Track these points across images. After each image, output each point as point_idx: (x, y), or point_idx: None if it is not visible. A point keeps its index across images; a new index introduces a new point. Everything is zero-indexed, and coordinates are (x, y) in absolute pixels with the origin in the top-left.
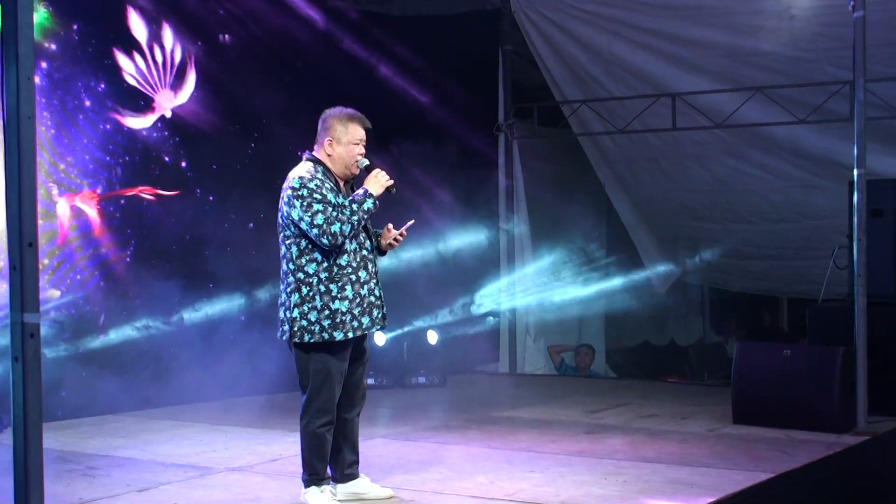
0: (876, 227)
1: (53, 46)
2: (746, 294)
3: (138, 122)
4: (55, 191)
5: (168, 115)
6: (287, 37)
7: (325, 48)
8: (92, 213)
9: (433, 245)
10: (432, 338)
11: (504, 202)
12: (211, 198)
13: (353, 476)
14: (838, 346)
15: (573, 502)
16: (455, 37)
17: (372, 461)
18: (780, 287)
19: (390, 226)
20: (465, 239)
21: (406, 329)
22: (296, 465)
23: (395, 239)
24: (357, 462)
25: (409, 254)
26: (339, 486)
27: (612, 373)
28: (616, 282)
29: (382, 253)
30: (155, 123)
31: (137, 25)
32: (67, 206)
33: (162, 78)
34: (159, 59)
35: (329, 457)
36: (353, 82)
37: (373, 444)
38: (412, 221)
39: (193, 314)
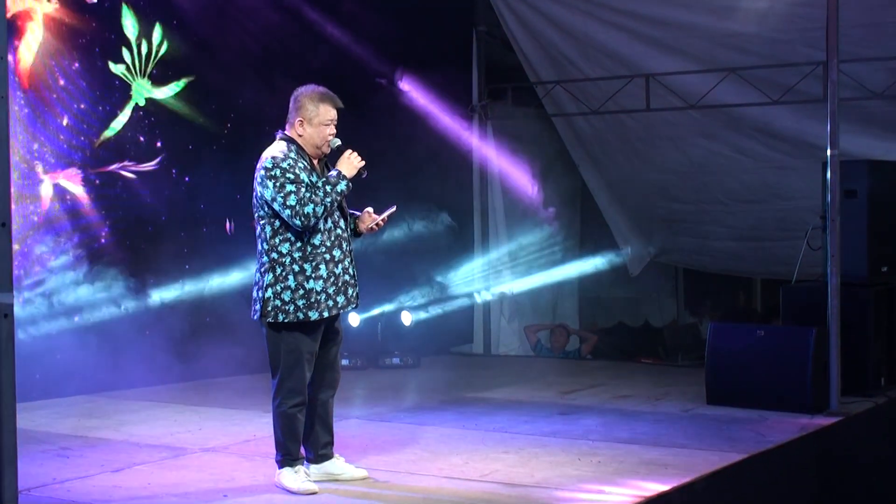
0: (849, 207)
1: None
2: (720, 275)
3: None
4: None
5: (142, 103)
6: (258, 16)
7: (298, 27)
8: (74, 190)
9: (407, 226)
10: (406, 319)
11: (478, 183)
12: (186, 178)
13: (328, 456)
14: (811, 327)
15: (547, 483)
16: (428, 17)
17: (346, 442)
18: (754, 268)
19: (370, 210)
20: (439, 219)
21: (380, 310)
22: (270, 446)
23: (376, 224)
24: (331, 443)
25: (383, 235)
26: (314, 466)
27: (588, 354)
28: (590, 263)
29: (358, 235)
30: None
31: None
32: (41, 187)
33: (140, 67)
34: (144, 49)
35: (303, 437)
36: (325, 62)
37: (347, 425)
38: (394, 208)
39: (168, 295)
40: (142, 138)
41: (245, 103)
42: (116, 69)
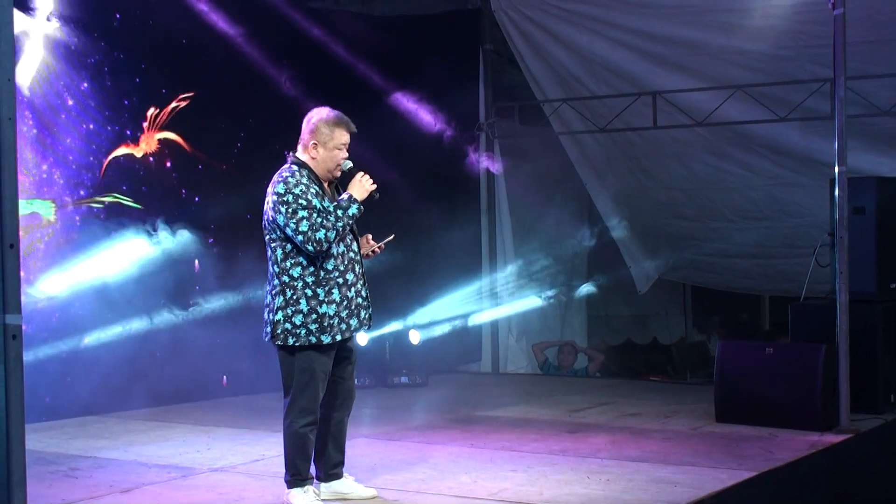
0: (857, 224)
1: None
2: (728, 292)
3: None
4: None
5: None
6: (268, 36)
7: (307, 48)
8: (81, 211)
9: (414, 245)
10: (414, 337)
11: (485, 202)
12: (196, 199)
13: (338, 476)
14: (820, 344)
15: (556, 501)
16: (435, 37)
17: (355, 461)
18: (762, 285)
19: (370, 236)
20: (446, 238)
21: (388, 329)
22: (279, 466)
23: (372, 251)
24: (342, 463)
25: (390, 254)
26: (323, 485)
27: (595, 372)
28: (598, 281)
29: None
30: (139, 123)
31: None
32: (51, 207)
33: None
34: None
35: (313, 456)
36: (333, 82)
37: (356, 444)
38: (392, 237)
39: (176, 316)
40: (151, 158)
41: (254, 122)
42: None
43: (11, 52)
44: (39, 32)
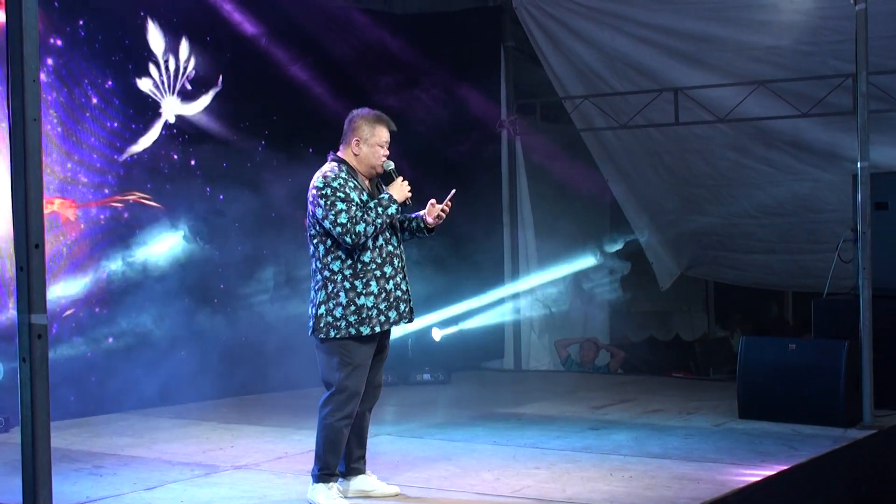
0: (880, 219)
1: (59, 42)
2: (751, 288)
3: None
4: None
5: (171, 119)
6: (289, 36)
7: (328, 47)
8: (106, 209)
9: (436, 242)
10: (437, 335)
11: (507, 199)
12: (221, 197)
13: (360, 471)
14: (843, 340)
15: (579, 498)
16: (457, 34)
17: (378, 458)
18: (785, 281)
19: (433, 201)
20: (467, 236)
21: (410, 326)
22: (302, 463)
23: (441, 211)
24: (364, 457)
25: (412, 252)
26: (345, 481)
27: (617, 368)
28: (620, 277)
29: (431, 230)
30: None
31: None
32: (72, 208)
33: (170, 84)
34: (171, 65)
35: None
36: (356, 80)
37: (378, 442)
38: (454, 191)
39: (202, 313)
40: (175, 156)
41: (278, 120)
42: (143, 86)
43: (36, 53)
44: None
